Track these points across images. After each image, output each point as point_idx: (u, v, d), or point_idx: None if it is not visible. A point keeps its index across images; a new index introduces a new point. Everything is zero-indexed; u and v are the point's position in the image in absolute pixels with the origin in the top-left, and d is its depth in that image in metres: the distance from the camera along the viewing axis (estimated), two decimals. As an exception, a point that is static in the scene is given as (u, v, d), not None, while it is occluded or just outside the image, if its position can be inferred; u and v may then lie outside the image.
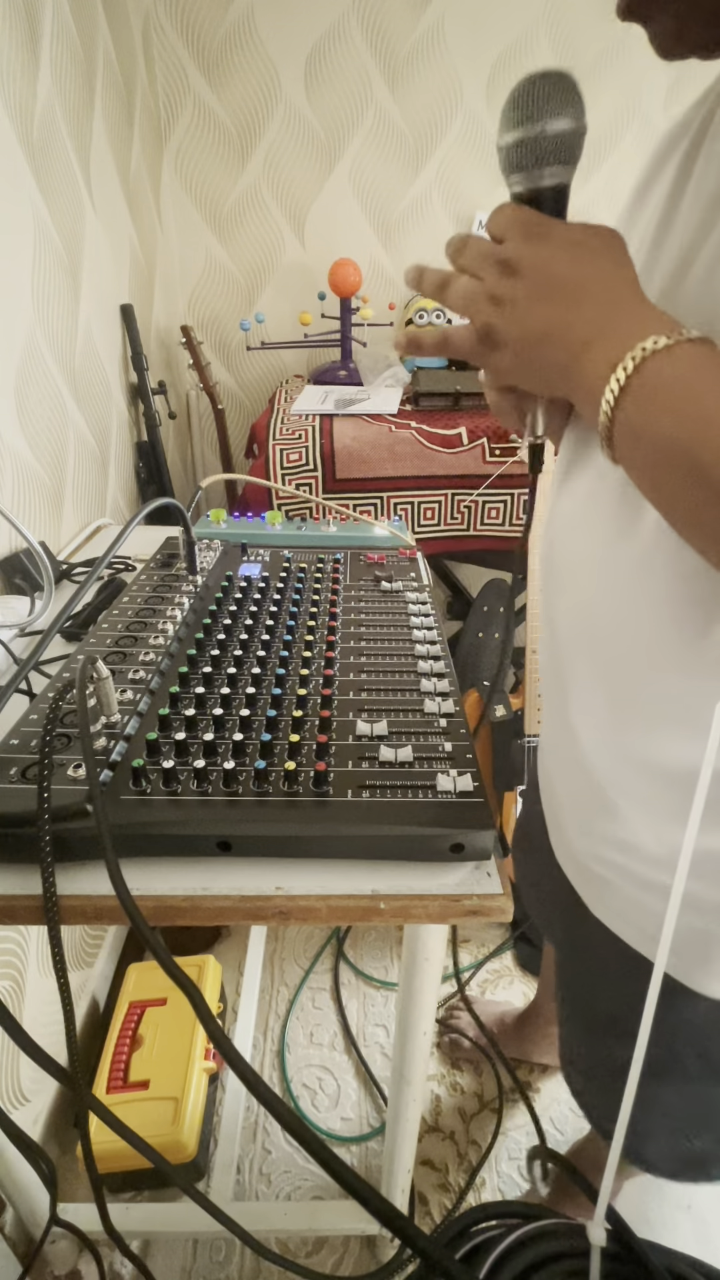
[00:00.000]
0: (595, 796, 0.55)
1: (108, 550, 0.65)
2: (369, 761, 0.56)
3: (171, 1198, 1.05)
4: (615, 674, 0.51)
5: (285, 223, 1.73)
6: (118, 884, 0.44)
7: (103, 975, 1.32)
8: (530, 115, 0.40)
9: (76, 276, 1.17)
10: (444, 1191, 1.09)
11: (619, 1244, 0.42)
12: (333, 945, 1.45)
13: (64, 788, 0.51)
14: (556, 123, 0.40)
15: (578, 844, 0.60)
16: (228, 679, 0.65)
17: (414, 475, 1.37)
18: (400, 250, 1.77)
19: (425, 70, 1.58)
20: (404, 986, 0.63)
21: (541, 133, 0.40)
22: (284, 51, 1.55)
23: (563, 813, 0.62)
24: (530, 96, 0.40)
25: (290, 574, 0.87)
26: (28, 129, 0.99)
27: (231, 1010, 1.30)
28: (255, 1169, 1.11)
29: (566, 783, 0.60)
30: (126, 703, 0.61)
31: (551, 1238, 0.43)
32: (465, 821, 0.50)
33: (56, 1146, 1.09)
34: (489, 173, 1.69)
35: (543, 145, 0.41)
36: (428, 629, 0.77)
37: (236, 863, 0.51)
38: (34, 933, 0.99)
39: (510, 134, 0.41)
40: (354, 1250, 1.02)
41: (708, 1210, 1.07)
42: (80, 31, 1.17)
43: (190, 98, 1.59)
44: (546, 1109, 1.19)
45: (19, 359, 0.98)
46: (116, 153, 1.36)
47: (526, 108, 0.40)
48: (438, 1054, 1.26)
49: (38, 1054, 0.44)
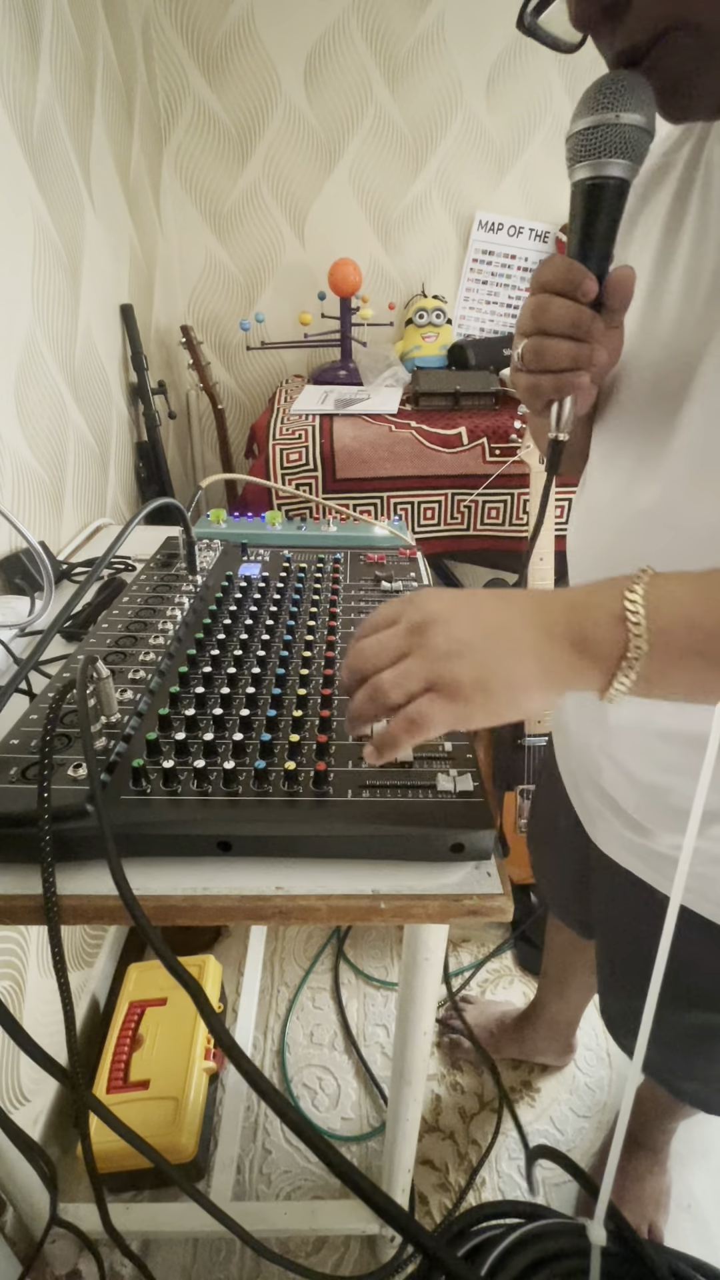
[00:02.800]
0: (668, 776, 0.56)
1: (108, 550, 0.65)
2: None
3: (172, 1197, 1.05)
4: None
5: (285, 222, 1.73)
6: (120, 882, 0.44)
7: (103, 975, 1.32)
8: (608, 105, 0.42)
9: (76, 276, 1.17)
10: (444, 1191, 1.09)
11: (620, 1244, 0.42)
12: (333, 945, 1.45)
13: (64, 788, 0.51)
14: (631, 115, 0.41)
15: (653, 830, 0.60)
16: (228, 679, 0.65)
17: (414, 475, 1.37)
18: (400, 250, 1.77)
19: (425, 70, 1.58)
20: (404, 986, 0.64)
21: (616, 120, 0.42)
22: (284, 51, 1.55)
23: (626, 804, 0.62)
24: (612, 88, 0.42)
25: (290, 574, 0.87)
26: (28, 129, 0.99)
27: (231, 1010, 1.30)
28: (255, 1169, 1.11)
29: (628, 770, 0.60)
30: (126, 703, 0.61)
31: (552, 1237, 0.43)
32: (465, 821, 0.50)
33: (57, 1146, 1.09)
34: (489, 172, 1.69)
35: (614, 134, 0.42)
36: (428, 629, 0.76)
37: (236, 862, 0.51)
38: (34, 933, 0.99)
39: (585, 119, 0.43)
40: (354, 1250, 1.02)
41: (708, 1210, 1.07)
42: (80, 31, 1.17)
43: (190, 97, 1.59)
44: (547, 1109, 1.19)
45: (19, 359, 0.98)
46: (116, 152, 1.36)
47: (606, 97, 0.42)
48: (438, 1054, 1.26)
49: (38, 1054, 0.44)
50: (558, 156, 1.65)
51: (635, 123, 0.42)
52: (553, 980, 1.14)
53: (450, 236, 1.75)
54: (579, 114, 0.43)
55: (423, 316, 1.62)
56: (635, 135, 0.42)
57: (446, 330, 1.64)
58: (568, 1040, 1.22)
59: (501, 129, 1.64)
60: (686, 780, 0.54)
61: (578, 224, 0.46)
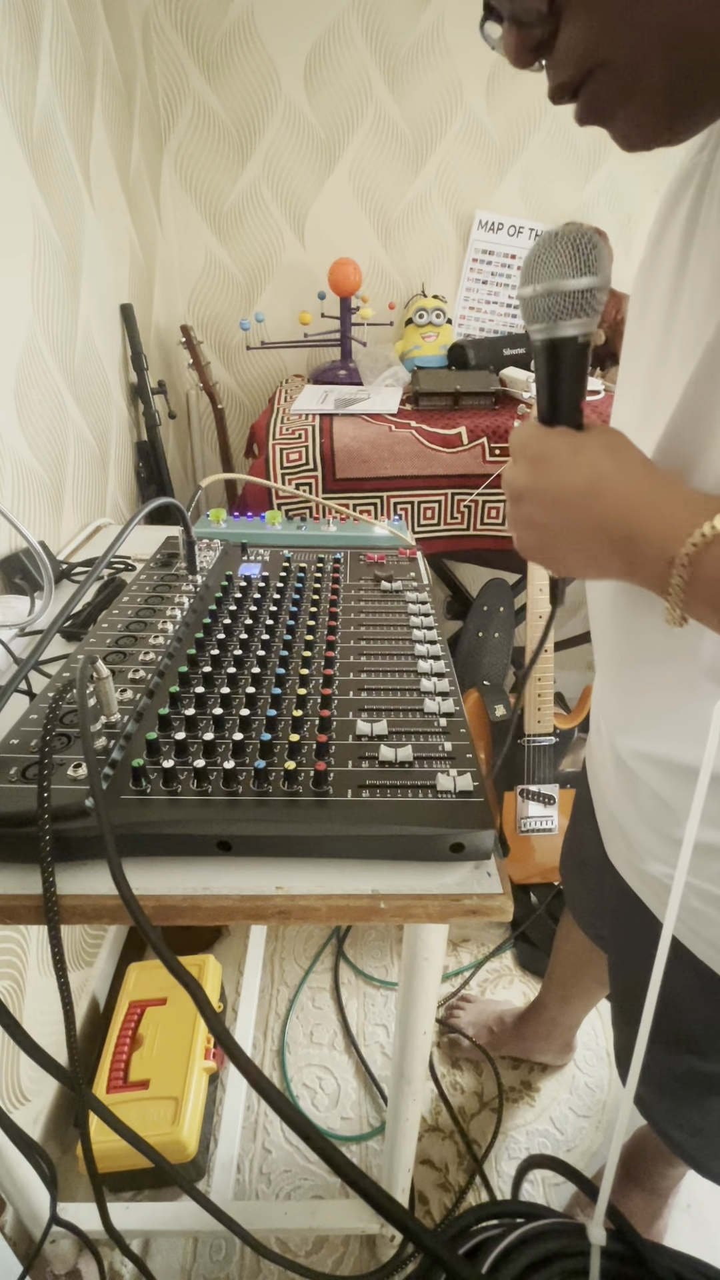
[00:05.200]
0: (661, 807, 0.55)
1: (108, 550, 0.65)
2: (369, 761, 0.56)
3: (171, 1197, 1.05)
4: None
5: (285, 222, 1.73)
6: (120, 882, 0.44)
7: (103, 975, 1.32)
8: (556, 273, 0.41)
9: (76, 276, 1.17)
10: (444, 1191, 1.09)
11: (620, 1244, 0.42)
12: (333, 945, 1.45)
13: (64, 787, 0.51)
14: (579, 281, 0.41)
15: (644, 855, 0.59)
16: (228, 679, 0.65)
17: (414, 475, 1.37)
18: (400, 250, 1.77)
19: (425, 70, 1.58)
20: (404, 986, 0.63)
21: (563, 288, 0.41)
22: (284, 51, 1.55)
23: (625, 823, 0.62)
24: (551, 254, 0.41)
25: (290, 574, 0.87)
26: (27, 128, 0.99)
27: (231, 1010, 1.30)
28: (255, 1168, 1.11)
29: (633, 793, 0.59)
30: (126, 702, 0.61)
31: (552, 1237, 0.43)
32: (465, 821, 0.50)
33: (57, 1146, 1.09)
34: (489, 172, 1.69)
35: (565, 300, 0.42)
36: (428, 629, 0.77)
37: (236, 862, 0.51)
38: (34, 932, 0.99)
39: (534, 285, 0.43)
40: (354, 1249, 1.02)
41: (708, 1210, 1.07)
42: (80, 31, 1.17)
43: (190, 97, 1.59)
44: (547, 1108, 1.19)
45: (19, 359, 0.98)
46: (116, 152, 1.36)
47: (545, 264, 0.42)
48: (438, 1054, 1.27)
49: (38, 1054, 0.44)
50: (558, 156, 1.67)
51: (584, 286, 0.41)
52: (557, 984, 1.14)
53: (450, 236, 1.75)
54: (528, 276, 0.43)
55: (423, 316, 1.62)
56: (586, 296, 0.42)
57: (446, 330, 1.64)
58: (567, 1040, 1.22)
59: (501, 129, 1.64)
60: (677, 812, 0.53)
61: (543, 381, 0.46)
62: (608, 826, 0.67)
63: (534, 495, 0.44)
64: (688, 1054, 0.64)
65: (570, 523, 0.42)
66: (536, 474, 0.44)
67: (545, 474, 0.43)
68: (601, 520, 0.40)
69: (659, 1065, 0.68)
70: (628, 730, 0.56)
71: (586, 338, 0.44)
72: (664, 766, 0.53)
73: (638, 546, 0.39)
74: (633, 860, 0.62)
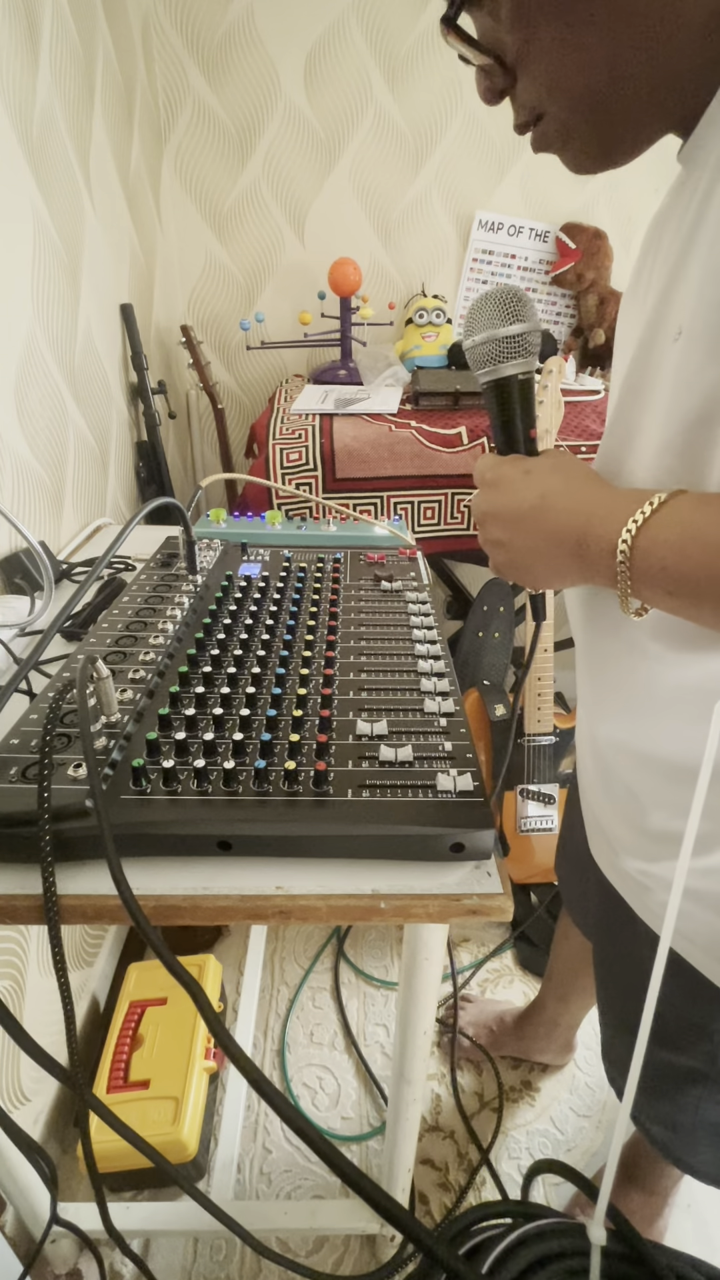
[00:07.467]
0: (631, 799, 0.55)
1: (108, 550, 0.65)
2: (369, 761, 0.56)
3: (172, 1197, 1.05)
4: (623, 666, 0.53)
5: (285, 222, 1.73)
6: (120, 882, 0.44)
7: (103, 975, 1.32)
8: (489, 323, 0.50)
9: (76, 276, 1.17)
10: (444, 1190, 1.09)
11: (620, 1243, 0.42)
12: (333, 945, 1.45)
13: (64, 787, 0.51)
14: (512, 327, 0.49)
15: (619, 850, 0.60)
16: (228, 678, 0.65)
17: (414, 475, 1.37)
18: (400, 250, 1.77)
19: (425, 69, 1.58)
20: (404, 986, 0.64)
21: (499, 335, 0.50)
22: (284, 51, 1.55)
23: (602, 818, 0.62)
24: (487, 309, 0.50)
25: (290, 574, 0.87)
26: (27, 128, 0.99)
27: (232, 1009, 1.30)
28: (255, 1168, 1.11)
29: (607, 785, 0.60)
30: (126, 702, 0.61)
31: (552, 1237, 0.43)
32: (465, 821, 0.50)
33: (57, 1146, 1.09)
34: (489, 172, 1.69)
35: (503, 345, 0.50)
36: (428, 629, 0.77)
37: (236, 862, 0.51)
38: (34, 932, 0.99)
39: (475, 335, 0.51)
40: (354, 1249, 1.02)
41: (708, 1210, 1.07)
42: (80, 31, 1.17)
43: (190, 97, 1.59)
44: (547, 1108, 1.19)
45: (19, 359, 0.98)
46: (116, 152, 1.36)
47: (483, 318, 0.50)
48: (438, 1053, 1.27)
49: (38, 1053, 0.44)
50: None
51: (517, 331, 0.49)
52: (556, 984, 1.14)
53: (450, 236, 1.75)
54: (469, 329, 0.51)
55: (422, 316, 1.62)
56: (521, 340, 0.50)
57: (446, 330, 1.64)
58: (568, 1040, 1.22)
59: (502, 129, 1.64)
60: (645, 803, 0.54)
61: (495, 415, 0.53)
62: (589, 822, 0.68)
63: (494, 517, 0.50)
64: (661, 1048, 0.65)
65: (528, 536, 0.47)
66: (494, 497, 0.50)
67: (501, 496, 0.49)
68: (554, 530, 0.45)
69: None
70: (602, 716, 0.57)
71: (527, 375, 0.51)
72: (634, 756, 0.53)
73: (588, 547, 0.43)
74: (610, 856, 0.63)
